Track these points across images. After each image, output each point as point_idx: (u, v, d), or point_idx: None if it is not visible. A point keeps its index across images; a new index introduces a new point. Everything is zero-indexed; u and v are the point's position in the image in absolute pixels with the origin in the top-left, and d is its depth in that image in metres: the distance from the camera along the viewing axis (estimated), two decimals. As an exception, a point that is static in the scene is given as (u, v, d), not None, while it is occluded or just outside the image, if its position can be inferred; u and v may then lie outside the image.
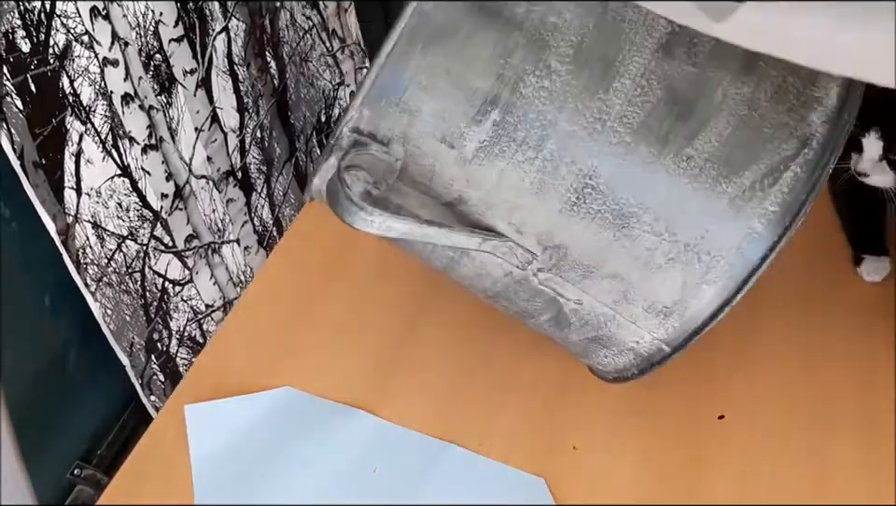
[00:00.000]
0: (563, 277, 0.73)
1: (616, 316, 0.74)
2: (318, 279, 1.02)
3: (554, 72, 0.68)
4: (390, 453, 0.86)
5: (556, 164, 0.69)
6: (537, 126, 0.68)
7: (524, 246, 0.71)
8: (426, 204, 0.72)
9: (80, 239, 1.01)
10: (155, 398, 1.17)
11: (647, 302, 0.72)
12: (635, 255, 0.71)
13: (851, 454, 0.80)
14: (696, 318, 0.73)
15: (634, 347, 0.76)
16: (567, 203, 0.70)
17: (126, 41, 1.05)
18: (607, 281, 0.72)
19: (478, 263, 0.74)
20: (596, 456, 0.84)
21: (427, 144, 0.69)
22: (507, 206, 0.70)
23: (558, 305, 0.75)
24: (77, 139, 0.99)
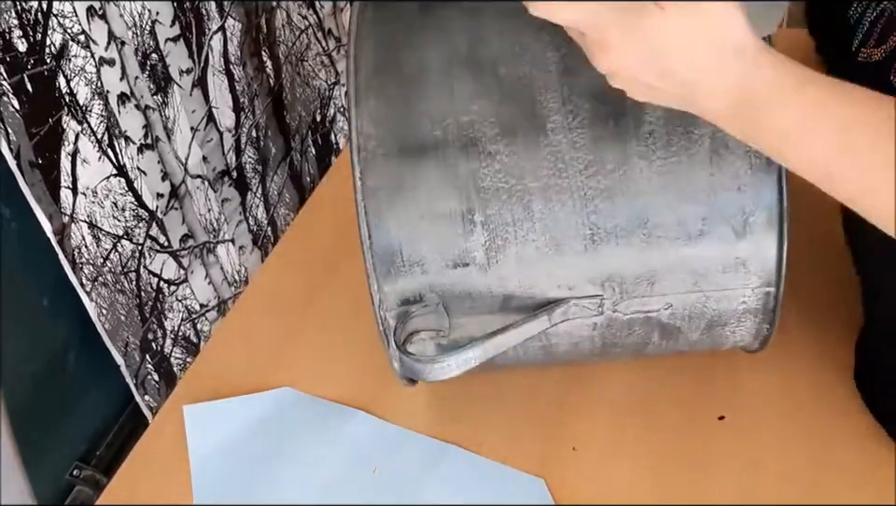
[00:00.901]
0: (638, 296, 0.75)
1: (706, 294, 0.76)
2: (317, 279, 1.02)
3: (496, 154, 0.73)
4: (390, 453, 0.86)
5: (553, 217, 0.73)
6: (514, 202, 0.73)
7: (585, 295, 0.75)
8: (485, 321, 0.76)
9: (76, 239, 1.00)
10: (149, 398, 1.16)
11: (718, 266, 0.74)
12: (674, 238, 0.73)
13: (851, 454, 0.81)
14: (769, 250, 0.74)
15: (745, 308, 0.77)
16: (588, 240, 0.73)
17: (122, 40, 1.04)
18: (672, 274, 0.74)
19: (565, 335, 0.78)
20: (596, 457, 0.84)
21: (447, 277, 0.75)
22: (544, 276, 0.74)
23: (656, 320, 0.77)
24: (74, 139, 0.98)
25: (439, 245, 0.73)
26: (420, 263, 0.74)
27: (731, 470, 0.81)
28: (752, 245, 0.73)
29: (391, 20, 0.78)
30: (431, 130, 0.73)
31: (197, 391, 0.93)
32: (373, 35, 0.77)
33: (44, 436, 1.02)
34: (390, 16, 0.78)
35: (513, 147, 0.73)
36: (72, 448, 1.08)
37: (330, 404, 0.90)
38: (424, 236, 0.73)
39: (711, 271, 0.74)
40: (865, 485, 0.79)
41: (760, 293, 0.76)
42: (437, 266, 0.74)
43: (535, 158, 0.72)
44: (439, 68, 0.74)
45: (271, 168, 1.42)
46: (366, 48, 0.76)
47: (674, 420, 0.85)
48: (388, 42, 0.76)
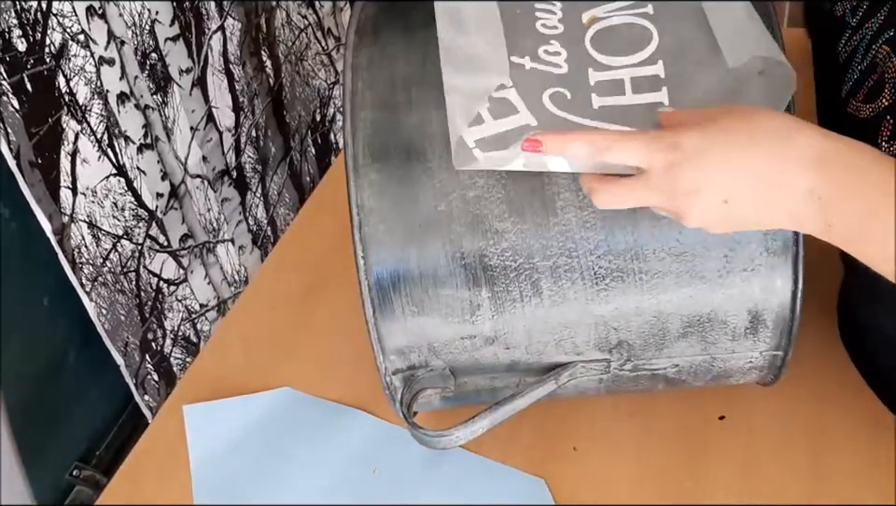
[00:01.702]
0: (644, 359, 0.75)
1: (714, 357, 0.75)
2: (317, 279, 1.02)
3: (504, 232, 0.70)
4: (390, 453, 0.86)
5: (561, 293, 0.71)
6: (522, 279, 0.71)
7: (592, 360, 0.75)
8: (494, 378, 0.77)
9: (76, 238, 1.00)
10: (149, 397, 1.17)
11: (728, 335, 0.73)
12: (685, 312, 0.72)
13: (851, 454, 0.81)
14: (781, 320, 0.73)
15: (752, 366, 0.77)
16: (595, 311, 0.72)
17: (122, 40, 1.05)
18: (681, 341, 0.74)
19: (571, 389, 0.77)
20: (596, 457, 0.84)
21: (453, 346, 0.74)
22: (552, 345, 0.74)
23: (661, 376, 0.77)
24: (73, 138, 0.98)
25: (445, 321, 0.73)
26: (425, 337, 0.73)
27: (731, 470, 0.81)
28: (765, 320, 0.73)
29: (387, 64, 0.74)
30: (436, 205, 0.70)
31: (197, 391, 0.93)
32: (370, 87, 0.73)
33: (44, 436, 1.02)
34: (386, 62, 0.74)
35: (521, 226, 0.70)
36: (72, 448, 1.08)
37: (330, 404, 0.90)
38: (429, 315, 0.72)
39: (721, 340, 0.74)
40: (866, 485, 0.79)
41: (768, 356, 0.76)
42: (443, 340, 0.74)
43: (544, 237, 0.70)
44: (440, 132, 0.70)
45: (270, 168, 1.42)
46: (364, 101, 0.73)
47: (674, 420, 0.85)
48: (387, 98, 0.73)
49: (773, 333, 0.73)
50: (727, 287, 0.71)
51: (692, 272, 0.70)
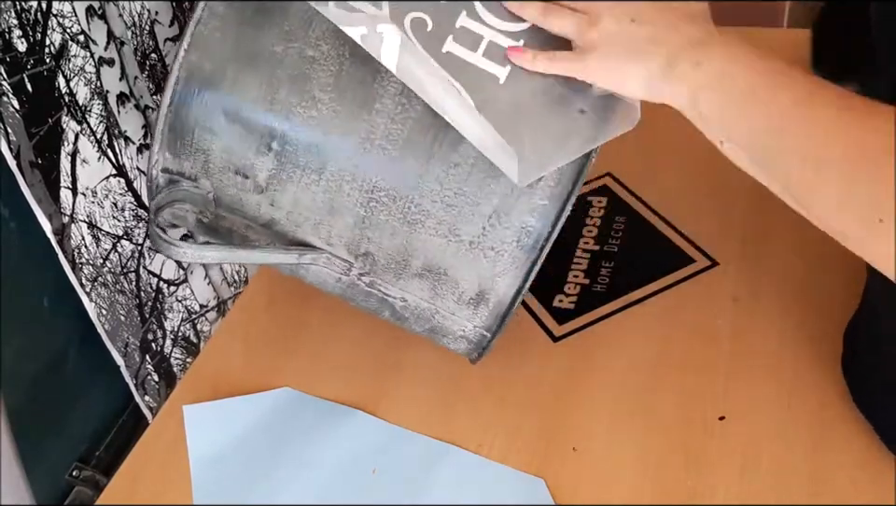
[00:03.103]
0: (382, 280, 0.79)
1: (437, 309, 0.80)
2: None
3: (319, 101, 0.73)
4: (390, 453, 0.86)
5: (339, 183, 0.74)
6: (313, 152, 0.73)
7: (338, 256, 0.78)
8: (250, 227, 0.78)
9: (76, 239, 1.00)
10: (149, 398, 1.16)
11: (454, 295, 0.78)
12: (430, 255, 0.76)
13: (851, 454, 0.81)
14: (501, 305, 0.78)
15: (463, 335, 0.82)
16: (359, 217, 0.75)
17: (122, 40, 1.04)
18: (416, 280, 0.78)
19: (312, 273, 0.80)
20: (596, 457, 0.84)
21: (226, 177, 0.76)
22: (311, 224, 0.76)
23: (389, 304, 0.81)
24: (73, 139, 0.98)
25: (229, 147, 0.74)
26: (206, 153, 0.75)
27: (731, 470, 0.81)
28: (488, 300, 0.78)
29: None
30: (274, 43, 0.72)
31: (197, 391, 0.93)
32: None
33: (43, 436, 1.02)
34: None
35: (337, 105, 0.73)
36: (72, 448, 1.08)
37: (330, 404, 0.90)
38: (220, 132, 0.74)
39: (448, 297, 0.78)
40: (865, 485, 0.79)
41: (478, 333, 0.81)
42: (220, 163, 0.75)
43: (349, 125, 0.73)
44: (304, 8, 0.72)
45: (270, 168, 1.42)
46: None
47: (674, 420, 0.85)
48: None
49: (490, 315, 0.78)
50: (472, 255, 0.75)
51: (452, 225, 0.74)
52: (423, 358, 0.94)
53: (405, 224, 0.75)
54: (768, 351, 0.90)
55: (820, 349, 0.89)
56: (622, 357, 0.92)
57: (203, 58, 0.73)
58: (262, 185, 0.75)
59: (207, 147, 0.75)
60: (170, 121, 0.74)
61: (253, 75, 0.73)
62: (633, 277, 1.00)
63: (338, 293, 0.83)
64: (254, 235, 0.79)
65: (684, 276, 0.99)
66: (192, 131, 0.74)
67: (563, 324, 0.96)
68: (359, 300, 0.82)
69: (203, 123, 0.74)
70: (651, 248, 1.04)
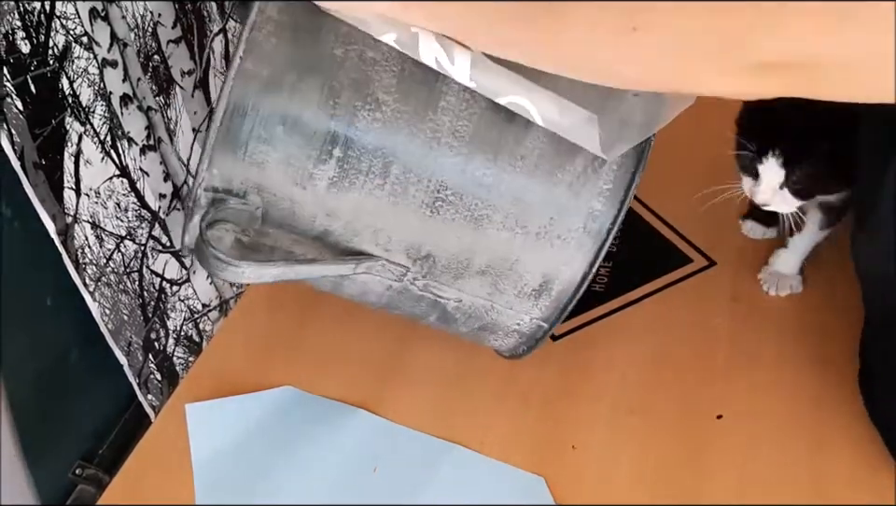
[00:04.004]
0: (438, 281, 0.78)
1: (494, 305, 0.79)
2: (318, 279, 1.02)
3: (383, 103, 0.71)
4: (390, 453, 0.86)
5: (405, 185, 0.73)
6: (378, 155, 0.72)
7: (395, 262, 0.76)
8: (297, 241, 0.76)
9: (79, 239, 1.00)
10: (152, 397, 1.17)
11: (516, 288, 0.78)
12: (494, 250, 0.76)
13: (851, 454, 0.81)
14: (563, 295, 0.78)
15: (517, 329, 0.82)
16: (424, 217, 0.74)
17: (125, 42, 1.05)
18: (477, 278, 0.77)
19: (359, 283, 0.79)
20: (596, 456, 0.84)
21: (280, 189, 0.73)
22: (370, 230, 0.75)
23: (441, 306, 0.80)
24: (77, 140, 0.99)
25: (287, 157, 0.71)
26: (259, 165, 0.71)
27: (731, 470, 0.82)
28: (552, 289, 0.78)
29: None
30: (333, 47, 0.70)
31: (199, 390, 0.93)
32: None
33: (46, 435, 1.02)
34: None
35: (401, 106, 0.71)
36: (75, 447, 1.08)
37: (332, 403, 0.91)
38: (277, 143, 0.71)
39: (508, 291, 0.78)
40: (865, 485, 0.79)
41: (534, 324, 0.81)
42: (275, 176, 0.72)
43: (415, 126, 0.72)
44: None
45: (273, 169, 1.42)
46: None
47: (674, 420, 0.86)
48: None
49: (551, 304, 0.79)
50: (539, 245, 0.75)
51: (519, 218, 0.74)
52: (425, 357, 0.94)
53: (471, 221, 0.74)
54: (767, 351, 0.90)
55: (820, 349, 0.89)
56: (621, 356, 0.92)
57: (260, 66, 0.69)
58: (321, 194, 0.72)
59: (262, 161, 0.71)
60: (222, 135, 0.70)
61: (313, 80, 0.70)
62: (632, 277, 1.01)
63: (382, 303, 0.81)
64: (300, 250, 0.76)
65: (683, 276, 1.00)
66: (246, 144, 0.71)
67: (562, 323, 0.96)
68: (406, 306, 0.81)
69: (259, 135, 0.70)
70: (649, 248, 1.04)
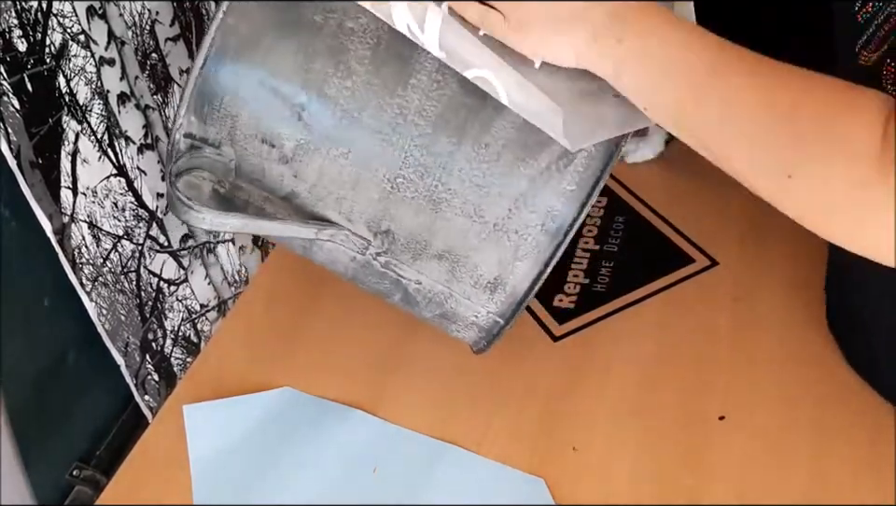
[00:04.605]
0: (398, 260, 0.78)
1: (452, 293, 0.79)
2: (318, 279, 1.02)
3: (355, 73, 0.72)
4: (390, 453, 0.86)
5: (367, 158, 0.74)
6: (344, 124, 0.73)
7: (357, 234, 0.77)
8: (268, 200, 0.77)
9: (76, 239, 1.00)
10: (149, 398, 1.16)
11: (472, 278, 0.78)
12: (452, 236, 0.76)
13: (851, 454, 0.81)
14: (517, 292, 0.78)
15: (475, 322, 0.81)
16: (384, 193, 0.75)
17: (122, 40, 1.05)
18: (435, 261, 0.78)
19: (326, 250, 0.79)
20: (596, 457, 0.84)
21: (251, 145, 0.75)
22: (334, 198, 0.76)
23: (402, 286, 0.80)
24: (74, 138, 0.98)
25: (258, 114, 0.73)
26: (233, 117, 0.73)
27: (731, 470, 0.81)
28: (505, 285, 0.78)
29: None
30: (313, 13, 0.71)
31: (197, 391, 0.93)
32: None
33: (44, 436, 1.02)
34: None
35: (372, 78, 0.72)
36: (72, 448, 1.08)
37: (331, 404, 0.90)
38: (250, 99, 0.72)
39: (465, 279, 0.78)
40: (866, 485, 0.79)
41: (491, 319, 0.80)
42: (247, 130, 0.74)
43: (384, 99, 0.72)
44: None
45: (271, 168, 1.42)
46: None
47: (674, 420, 0.86)
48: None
49: (505, 301, 0.78)
50: (495, 237, 0.75)
51: (477, 206, 0.74)
52: (424, 357, 0.94)
53: (430, 202, 0.74)
54: (768, 351, 0.90)
55: (820, 349, 0.89)
56: (622, 356, 0.92)
57: (241, 22, 0.71)
58: (288, 155, 0.74)
59: (236, 113, 0.73)
60: (199, 85, 0.72)
61: (290, 42, 0.72)
62: (633, 277, 1.01)
63: (349, 275, 0.82)
64: (271, 208, 0.78)
65: (684, 276, 0.99)
66: (222, 96, 0.73)
67: (563, 324, 0.96)
68: (371, 281, 0.81)
69: (233, 88, 0.73)
70: (651, 248, 1.04)
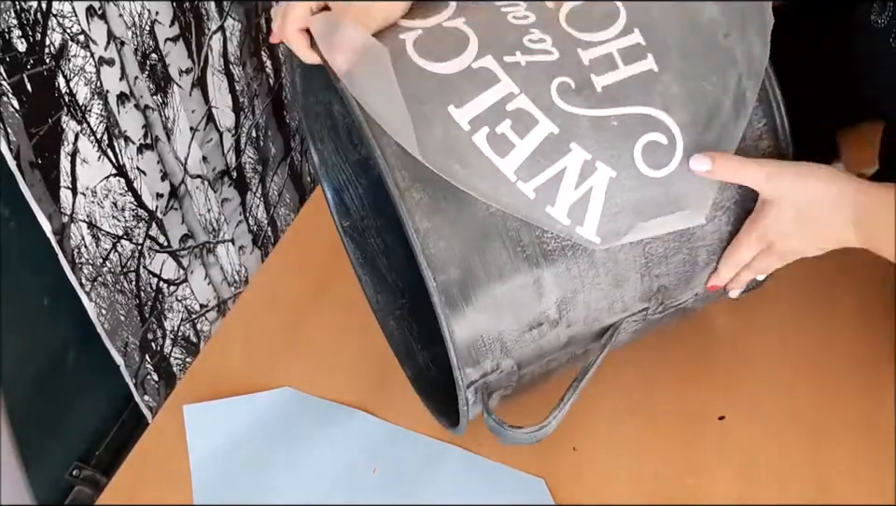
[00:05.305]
0: (674, 296, 0.78)
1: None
2: (318, 279, 1.02)
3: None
4: (390, 453, 0.86)
5: (614, 259, 0.73)
6: (579, 255, 0.72)
7: (634, 312, 0.77)
8: (550, 361, 0.78)
9: (76, 239, 1.00)
10: (149, 397, 1.17)
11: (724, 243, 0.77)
12: (712, 238, 0.76)
13: (851, 454, 0.81)
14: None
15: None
16: (644, 267, 0.74)
17: (122, 40, 1.05)
18: (706, 271, 0.77)
19: (619, 342, 0.79)
20: (596, 457, 0.84)
21: (524, 340, 0.74)
22: (606, 309, 0.75)
23: (682, 308, 0.80)
24: (73, 139, 0.98)
25: (516, 316, 0.73)
26: (500, 339, 0.73)
27: (731, 470, 0.81)
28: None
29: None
30: (487, 207, 0.70)
31: (197, 391, 0.93)
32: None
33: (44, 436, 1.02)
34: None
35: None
36: (72, 448, 1.08)
37: (330, 404, 0.90)
38: (501, 314, 0.72)
39: (718, 250, 0.77)
40: (865, 486, 0.79)
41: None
42: (514, 336, 0.73)
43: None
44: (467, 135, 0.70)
45: (270, 168, 1.42)
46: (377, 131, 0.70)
47: (674, 420, 0.85)
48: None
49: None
50: (741, 209, 0.75)
51: (716, 205, 0.73)
52: (423, 358, 0.94)
53: (682, 237, 0.74)
54: (768, 351, 0.90)
55: (821, 349, 0.89)
56: (622, 357, 0.91)
57: (448, 273, 0.70)
58: (555, 318, 0.74)
59: (498, 334, 0.73)
60: (459, 346, 0.71)
61: (492, 244, 0.70)
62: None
63: (630, 339, 0.82)
64: (554, 364, 0.78)
65: (684, 276, 0.99)
66: (480, 336, 0.72)
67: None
68: (652, 328, 0.82)
69: (483, 317, 0.72)
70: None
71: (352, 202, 0.96)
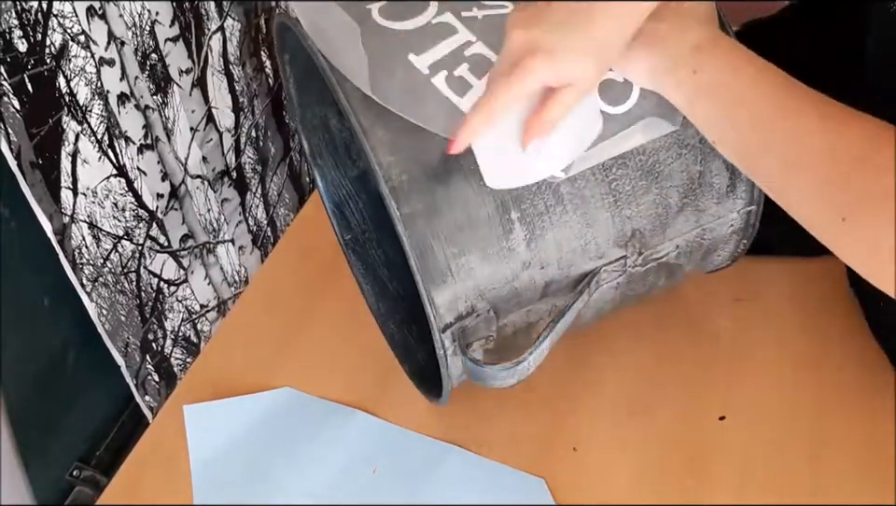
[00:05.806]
0: (653, 247, 0.78)
1: (704, 229, 0.80)
2: (318, 279, 1.02)
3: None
4: (390, 453, 0.86)
5: (581, 195, 0.74)
6: (544, 190, 0.73)
7: (612, 261, 0.77)
8: (530, 311, 0.78)
9: (76, 239, 1.00)
10: (149, 398, 1.17)
11: (714, 197, 0.79)
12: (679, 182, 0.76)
13: (851, 454, 0.81)
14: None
15: (733, 230, 0.82)
16: (612, 206, 0.75)
17: (122, 41, 1.05)
18: (679, 216, 0.78)
19: (596, 297, 0.80)
20: (596, 457, 0.84)
21: (496, 280, 0.74)
22: (580, 250, 0.76)
23: (664, 263, 0.81)
24: (74, 139, 0.98)
25: (485, 254, 0.73)
26: (468, 269, 0.73)
27: (731, 470, 0.81)
28: (741, 174, 0.77)
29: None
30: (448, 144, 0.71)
31: (197, 391, 0.93)
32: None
33: (44, 436, 1.02)
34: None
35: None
36: (72, 448, 1.08)
37: (330, 404, 0.90)
38: (470, 251, 0.73)
39: (710, 205, 0.79)
40: (865, 486, 0.79)
41: (744, 213, 0.81)
42: (486, 275, 0.74)
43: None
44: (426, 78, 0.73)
45: (270, 168, 1.42)
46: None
47: (674, 420, 0.86)
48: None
49: (747, 186, 0.79)
50: (710, 149, 0.75)
51: (680, 143, 0.75)
52: (423, 358, 0.94)
53: (648, 175, 0.75)
54: (768, 351, 0.90)
55: (821, 350, 0.89)
56: (622, 357, 0.92)
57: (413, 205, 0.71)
58: (526, 258, 0.74)
59: (468, 269, 0.73)
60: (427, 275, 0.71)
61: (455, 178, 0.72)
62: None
63: (617, 301, 0.82)
64: (535, 316, 0.79)
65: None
66: (448, 265, 0.72)
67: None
68: (637, 289, 0.82)
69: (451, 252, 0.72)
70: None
71: (353, 216, 0.98)
